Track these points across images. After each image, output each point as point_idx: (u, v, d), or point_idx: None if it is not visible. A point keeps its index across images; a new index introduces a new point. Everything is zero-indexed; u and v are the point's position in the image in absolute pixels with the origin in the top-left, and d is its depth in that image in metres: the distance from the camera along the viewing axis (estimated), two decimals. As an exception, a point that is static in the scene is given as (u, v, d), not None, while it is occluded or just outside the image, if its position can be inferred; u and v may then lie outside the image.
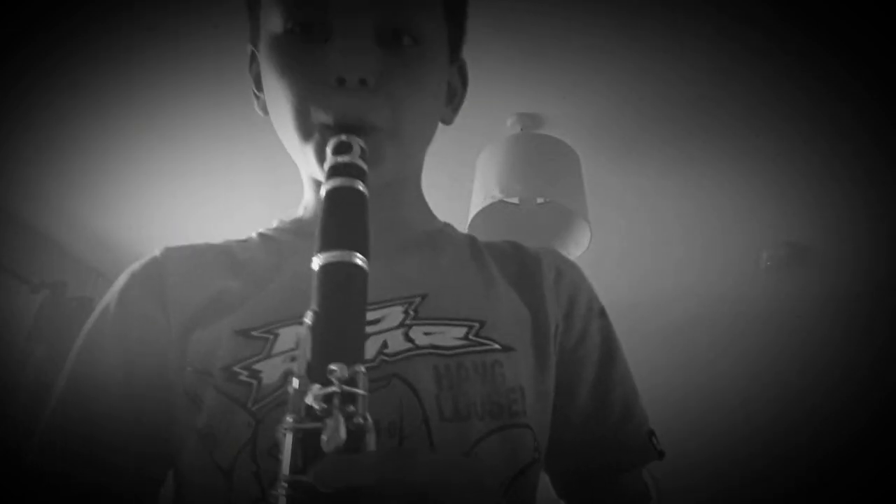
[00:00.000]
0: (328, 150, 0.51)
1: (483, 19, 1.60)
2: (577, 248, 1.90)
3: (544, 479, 0.61)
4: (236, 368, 0.52)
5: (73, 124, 2.14)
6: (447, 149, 1.53)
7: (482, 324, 0.56)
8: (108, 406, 0.54)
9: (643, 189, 2.32)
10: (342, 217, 0.45)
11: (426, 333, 0.54)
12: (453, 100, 0.69)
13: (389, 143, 0.56)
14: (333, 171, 0.48)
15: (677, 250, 2.63)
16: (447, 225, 0.71)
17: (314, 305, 0.40)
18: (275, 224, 0.69)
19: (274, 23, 0.57)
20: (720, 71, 1.80)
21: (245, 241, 0.66)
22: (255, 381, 0.50)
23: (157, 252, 0.62)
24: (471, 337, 0.55)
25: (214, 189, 2.42)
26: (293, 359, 0.39)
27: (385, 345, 0.53)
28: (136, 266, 0.61)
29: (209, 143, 2.21)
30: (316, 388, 0.36)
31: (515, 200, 1.96)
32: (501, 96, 1.95)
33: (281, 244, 0.65)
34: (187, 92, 1.99)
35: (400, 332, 0.54)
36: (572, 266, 0.68)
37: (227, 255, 0.62)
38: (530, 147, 1.88)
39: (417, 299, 0.57)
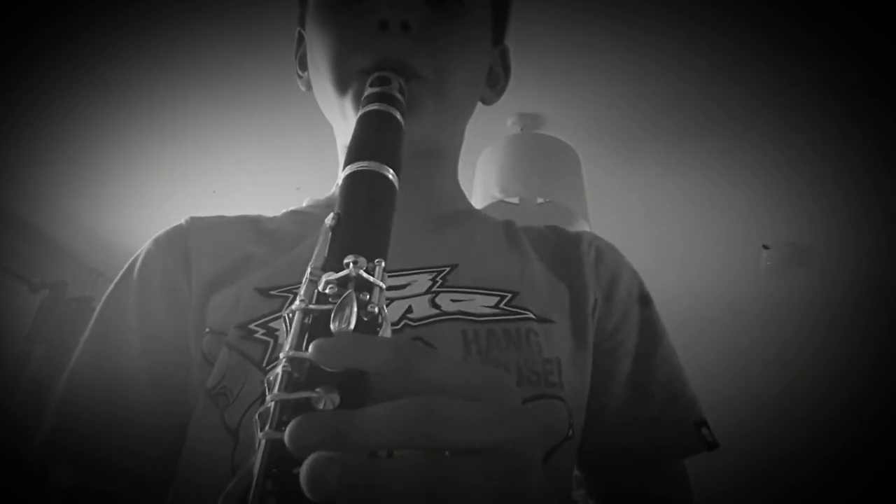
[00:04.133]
0: (366, 87, 0.48)
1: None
2: (577, 248, 1.89)
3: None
4: (252, 326, 0.49)
5: (72, 124, 2.14)
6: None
7: (514, 294, 0.53)
8: (126, 371, 0.52)
9: (643, 189, 2.32)
10: (373, 133, 0.42)
11: (454, 300, 0.51)
12: (495, 85, 0.69)
13: (431, 96, 0.54)
14: (367, 100, 0.45)
15: (677, 250, 2.63)
16: (480, 211, 0.69)
17: (336, 209, 0.37)
18: (305, 203, 0.67)
19: None
20: (720, 71, 1.80)
21: (273, 217, 0.64)
22: (271, 340, 0.49)
23: (182, 221, 0.61)
24: (502, 306, 0.52)
25: (215, 189, 2.42)
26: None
27: (410, 309, 0.50)
28: (160, 233, 0.60)
29: (209, 143, 2.21)
30: (329, 274, 0.32)
31: (515, 200, 1.96)
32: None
33: (309, 216, 0.63)
34: (187, 92, 1.99)
35: (426, 298, 0.51)
36: (612, 248, 0.65)
37: (253, 224, 0.61)
38: (530, 147, 1.88)
39: (446, 269, 0.54)
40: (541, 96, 1.95)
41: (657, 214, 2.44)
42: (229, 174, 2.35)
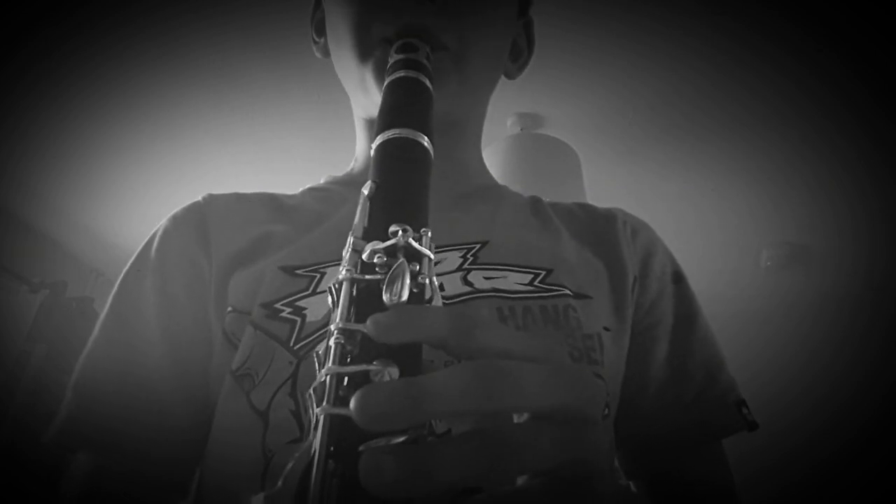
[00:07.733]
0: (391, 54, 0.46)
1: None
2: (577, 248, 1.90)
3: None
4: (279, 305, 0.48)
5: (72, 124, 2.14)
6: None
7: (549, 271, 0.52)
8: (144, 352, 0.50)
9: (643, 189, 2.32)
10: (405, 100, 0.41)
11: (486, 278, 0.50)
12: (518, 59, 0.67)
13: (454, 68, 0.53)
14: (395, 67, 0.44)
15: (677, 250, 2.62)
16: (506, 186, 0.68)
17: (373, 178, 0.36)
18: (323, 180, 0.66)
19: None
20: (720, 71, 1.80)
21: (292, 194, 0.63)
22: (298, 319, 0.47)
23: (199, 198, 0.59)
24: (537, 283, 0.51)
25: (215, 189, 2.42)
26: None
27: (441, 287, 0.48)
28: (178, 210, 0.58)
29: (209, 143, 2.21)
30: (375, 243, 0.31)
31: (515, 200, 1.96)
32: (501, 96, 1.93)
33: (330, 193, 0.61)
34: (187, 91, 1.99)
35: (458, 275, 0.50)
36: (646, 226, 0.64)
37: (272, 201, 0.60)
38: (530, 147, 1.88)
39: (476, 245, 0.53)
40: (541, 96, 1.95)
41: (657, 214, 2.43)
42: (229, 174, 2.35)
